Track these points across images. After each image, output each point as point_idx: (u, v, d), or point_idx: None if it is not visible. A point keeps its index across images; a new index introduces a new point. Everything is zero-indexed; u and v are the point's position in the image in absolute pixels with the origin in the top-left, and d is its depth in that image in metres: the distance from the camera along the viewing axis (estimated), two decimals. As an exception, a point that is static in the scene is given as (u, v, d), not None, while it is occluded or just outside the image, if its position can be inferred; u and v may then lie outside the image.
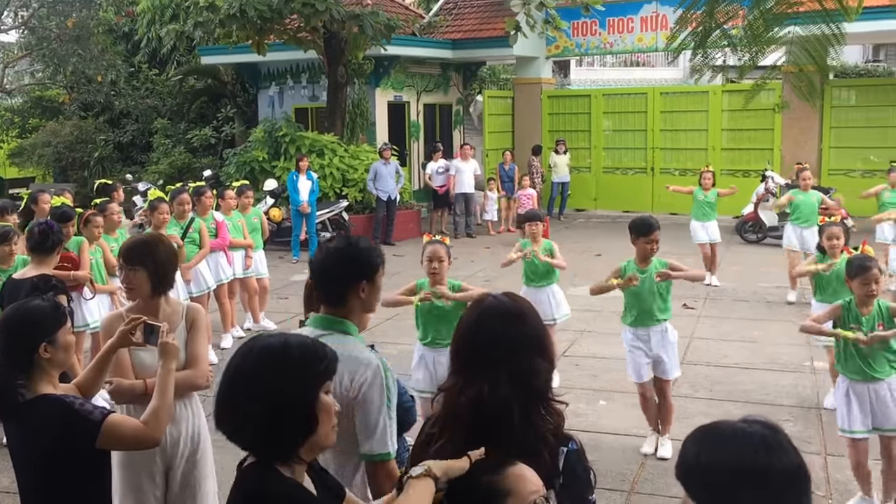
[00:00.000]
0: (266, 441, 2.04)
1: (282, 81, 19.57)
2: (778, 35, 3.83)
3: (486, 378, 2.17)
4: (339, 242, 2.96)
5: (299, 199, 13.90)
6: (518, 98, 20.65)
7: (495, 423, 2.13)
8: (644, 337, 5.89)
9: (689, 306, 10.18)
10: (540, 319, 2.33)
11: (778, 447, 1.59)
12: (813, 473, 5.07)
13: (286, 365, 2.06)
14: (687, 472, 1.64)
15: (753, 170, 16.91)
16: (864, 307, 4.94)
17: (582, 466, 2.21)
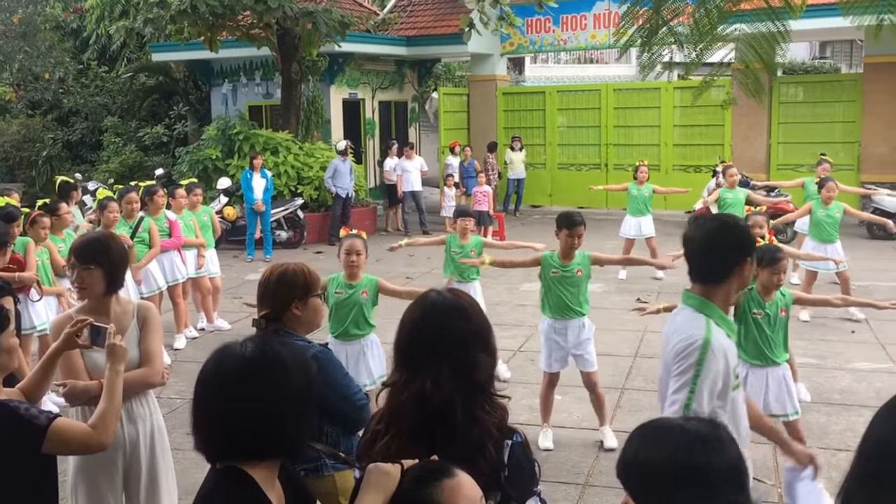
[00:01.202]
0: (223, 445, 2.01)
1: (235, 78, 19.38)
2: (724, 32, 3.88)
3: (429, 373, 2.18)
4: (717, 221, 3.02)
5: (253, 197, 13.78)
6: (473, 95, 20.70)
7: (438, 419, 2.14)
8: (561, 330, 5.98)
9: (642, 300, 10.30)
10: (483, 315, 2.35)
11: (716, 444, 1.58)
12: (762, 462, 5.17)
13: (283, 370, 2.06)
14: (626, 469, 1.64)
15: (705, 165, 17.16)
16: (766, 295, 5.15)
17: (527, 458, 2.23)
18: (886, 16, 4.18)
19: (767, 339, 5.12)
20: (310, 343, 3.27)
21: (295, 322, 3.29)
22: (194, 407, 2.08)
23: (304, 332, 3.36)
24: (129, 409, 3.71)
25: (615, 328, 9.03)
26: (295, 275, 3.34)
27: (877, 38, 4.22)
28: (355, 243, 5.58)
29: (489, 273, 12.07)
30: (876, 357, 7.82)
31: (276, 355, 2.08)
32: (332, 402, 3.31)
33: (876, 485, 1.57)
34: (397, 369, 2.30)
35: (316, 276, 3.41)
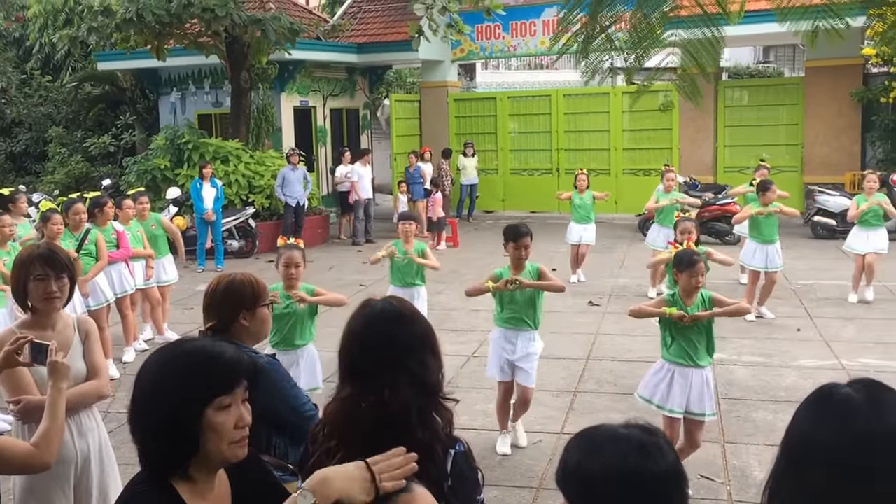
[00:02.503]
0: (147, 456, 1.98)
1: (184, 87, 19.17)
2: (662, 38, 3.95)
3: (386, 382, 2.18)
4: None
5: (204, 206, 13.63)
6: (425, 101, 20.74)
7: (397, 427, 2.14)
8: (512, 339, 5.96)
9: (594, 303, 10.42)
10: (425, 320, 2.36)
11: (654, 451, 1.57)
12: (712, 460, 5.26)
13: (164, 377, 1.98)
14: (565, 478, 1.62)
15: (654, 168, 17.39)
16: (687, 298, 5.26)
17: (469, 467, 2.24)
18: (821, 22, 4.27)
19: (691, 341, 5.21)
20: (257, 353, 3.25)
21: (242, 333, 3.26)
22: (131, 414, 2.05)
23: (251, 342, 3.33)
24: (78, 422, 3.70)
25: (567, 331, 9.11)
26: (242, 285, 3.31)
27: (812, 45, 4.32)
28: (294, 256, 5.57)
29: (442, 278, 12.11)
30: (821, 354, 8.00)
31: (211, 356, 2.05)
32: (280, 413, 3.28)
33: (798, 478, 1.61)
34: (347, 381, 2.28)
35: (263, 286, 3.39)
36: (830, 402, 1.63)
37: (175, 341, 2.15)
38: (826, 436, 1.58)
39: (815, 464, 1.58)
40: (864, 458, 1.55)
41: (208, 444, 1.96)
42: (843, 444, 1.56)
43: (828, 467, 1.57)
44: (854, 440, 1.55)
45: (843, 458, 1.55)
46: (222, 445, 1.97)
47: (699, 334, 5.25)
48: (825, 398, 1.65)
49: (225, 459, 2.01)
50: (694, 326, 5.22)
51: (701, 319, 5.19)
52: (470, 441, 6.32)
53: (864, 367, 7.55)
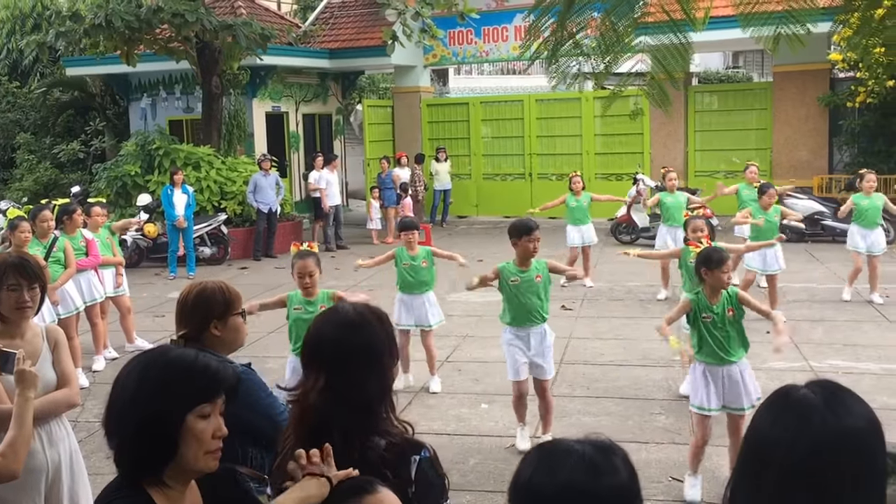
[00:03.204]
0: (124, 459, 1.98)
1: (154, 93, 19.04)
2: (630, 44, 3.99)
3: (313, 385, 2.20)
4: None
5: (175, 213, 13.51)
6: (397, 107, 20.75)
7: (322, 431, 2.14)
8: (523, 337, 6.01)
9: (566, 307, 10.46)
10: (384, 333, 2.30)
11: (605, 469, 1.54)
12: (683, 462, 5.26)
13: (147, 382, 2.00)
14: (516, 493, 1.59)
15: (625, 173, 17.53)
16: (713, 297, 5.28)
17: (435, 473, 2.23)
18: (783, 28, 4.33)
19: (719, 340, 5.24)
20: (231, 363, 3.17)
21: (215, 342, 3.18)
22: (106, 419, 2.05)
23: (225, 352, 3.24)
24: (49, 432, 3.67)
25: (540, 335, 9.13)
26: (213, 293, 3.23)
27: (775, 51, 4.38)
28: (307, 265, 5.50)
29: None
30: (790, 356, 8.07)
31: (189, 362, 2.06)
32: (256, 423, 3.26)
33: (757, 477, 1.63)
34: (302, 379, 2.32)
35: (236, 294, 3.30)
36: (788, 403, 1.65)
37: (158, 348, 2.15)
38: (783, 436, 1.60)
39: (773, 463, 1.60)
40: (820, 458, 1.57)
41: (187, 451, 1.98)
42: (800, 444, 1.58)
43: (785, 467, 1.59)
44: (811, 440, 1.58)
45: (801, 457, 1.57)
46: (200, 453, 2.00)
47: (729, 330, 5.28)
48: (783, 399, 1.67)
49: (199, 469, 2.03)
50: (722, 323, 5.25)
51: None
52: (444, 446, 6.36)
53: (832, 369, 7.65)
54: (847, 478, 1.58)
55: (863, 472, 1.60)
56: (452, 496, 5.59)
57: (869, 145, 16.02)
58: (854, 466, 1.59)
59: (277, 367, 7.53)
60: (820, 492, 1.57)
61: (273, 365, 7.68)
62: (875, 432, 1.63)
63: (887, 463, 1.81)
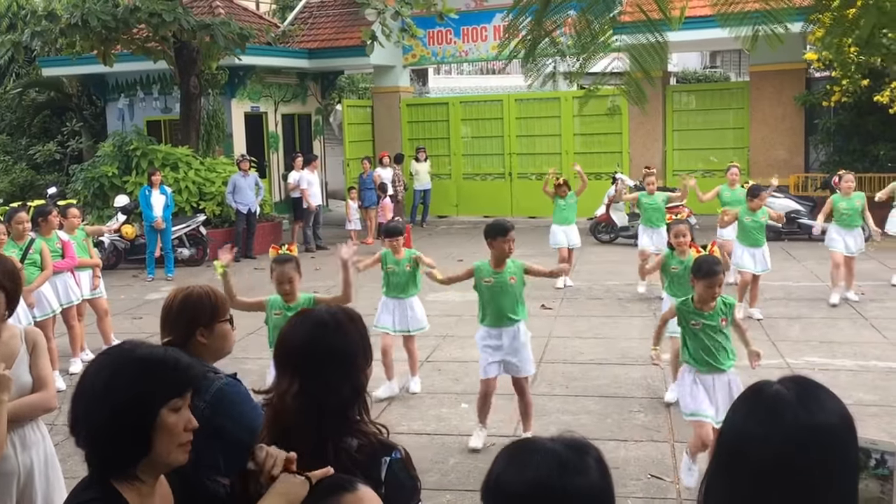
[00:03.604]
0: (95, 456, 1.97)
1: (131, 93, 18.91)
2: (607, 43, 3.99)
3: (286, 388, 2.19)
4: None
5: (153, 214, 13.42)
6: (377, 107, 20.72)
7: (292, 433, 2.14)
8: (496, 335, 6.00)
9: (546, 306, 10.49)
10: (358, 335, 2.30)
11: (576, 469, 1.53)
12: (661, 459, 5.31)
13: (119, 377, 1.98)
14: (486, 490, 1.57)
15: (605, 172, 17.59)
16: (704, 305, 5.21)
17: (407, 475, 2.22)
18: (761, 27, 4.35)
19: (708, 347, 5.17)
20: (217, 373, 3.05)
21: (201, 350, 3.04)
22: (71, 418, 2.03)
23: (211, 360, 3.13)
24: (22, 435, 3.64)
25: (520, 335, 9.14)
26: (200, 299, 3.08)
27: (753, 49, 4.41)
28: (286, 272, 5.32)
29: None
30: (767, 354, 8.09)
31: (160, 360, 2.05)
32: (238, 435, 3.19)
33: (732, 473, 1.64)
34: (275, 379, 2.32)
35: (223, 300, 3.18)
36: (761, 399, 1.66)
37: (126, 344, 2.12)
38: (757, 431, 1.61)
39: (747, 458, 1.61)
40: (793, 453, 1.58)
41: (160, 446, 1.98)
42: (773, 439, 1.59)
43: (759, 462, 1.60)
44: (784, 435, 1.59)
45: (774, 452, 1.58)
46: (172, 447, 2.01)
47: (719, 339, 5.19)
48: (756, 395, 1.69)
49: (171, 462, 2.03)
50: (714, 333, 5.17)
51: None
52: (424, 446, 6.36)
53: (809, 366, 7.72)
54: (819, 472, 1.59)
55: (835, 467, 1.61)
56: (433, 496, 5.63)
57: (844, 144, 16.18)
58: (826, 461, 1.60)
59: (256, 368, 7.51)
60: (793, 486, 1.58)
61: (251, 366, 7.65)
62: (847, 427, 1.65)
63: (859, 458, 1.83)
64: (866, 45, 4.53)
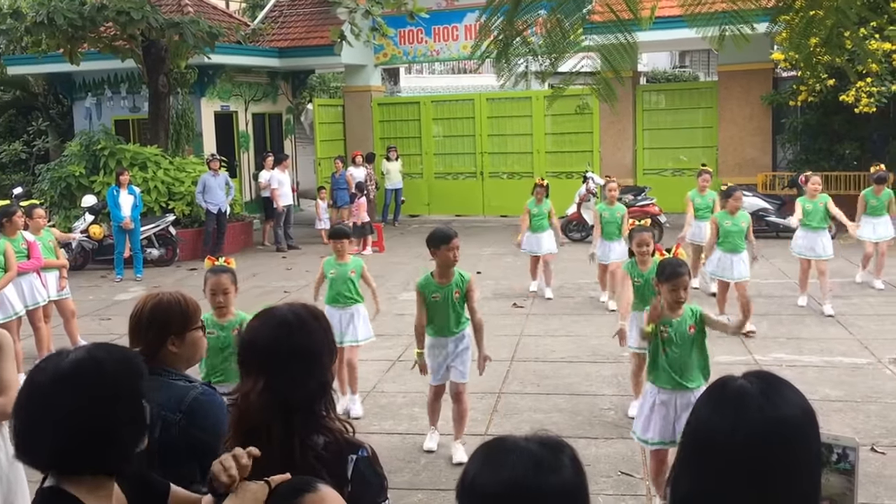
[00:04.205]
0: (50, 464, 1.94)
1: (99, 92, 18.68)
2: (577, 43, 4.02)
3: (252, 387, 2.18)
4: None
5: (121, 214, 13.28)
6: (348, 106, 20.67)
7: (259, 433, 2.13)
8: (442, 343, 5.93)
9: (518, 305, 10.52)
10: (321, 334, 2.30)
11: (550, 467, 1.52)
12: (631, 456, 5.33)
13: (93, 383, 1.95)
14: (461, 489, 1.56)
15: (576, 171, 17.67)
16: (671, 312, 4.85)
17: (373, 472, 2.23)
18: (728, 27, 4.40)
19: (676, 360, 4.79)
20: (192, 382, 2.97)
21: (173, 359, 2.97)
22: (14, 415, 1.99)
23: (183, 368, 3.04)
24: (-15, 440, 3.58)
25: (492, 333, 9.11)
26: (170, 306, 3.00)
27: (720, 48, 4.47)
28: (222, 282, 4.79)
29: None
30: (735, 350, 8.24)
31: (96, 363, 1.99)
32: (213, 444, 3.14)
33: (698, 468, 1.66)
34: (240, 380, 2.30)
35: (195, 306, 3.09)
36: (726, 393, 1.69)
37: (85, 348, 2.07)
38: (722, 425, 1.64)
39: (713, 452, 1.63)
40: (757, 446, 1.60)
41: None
42: (737, 433, 1.61)
43: (725, 455, 1.62)
44: (748, 429, 1.61)
45: (739, 445, 1.61)
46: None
47: (688, 350, 4.82)
48: (721, 389, 1.71)
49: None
50: (682, 342, 4.82)
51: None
52: (395, 445, 6.35)
53: (776, 362, 7.83)
54: (782, 464, 1.62)
55: (797, 459, 1.64)
56: (405, 495, 5.63)
57: (811, 143, 16.40)
58: (789, 454, 1.63)
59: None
60: (757, 478, 1.61)
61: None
62: (809, 421, 1.68)
63: (822, 453, 1.86)
64: (826, 45, 4.58)
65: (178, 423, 2.75)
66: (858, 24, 12.76)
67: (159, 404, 2.76)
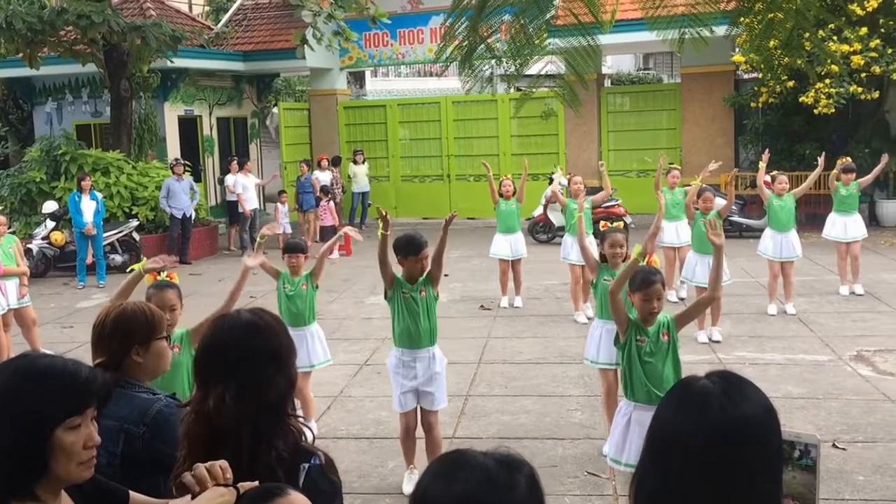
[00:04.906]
0: None
1: (60, 97, 18.41)
2: (541, 47, 4.05)
3: (217, 391, 2.17)
4: None
5: (83, 220, 13.10)
6: (314, 110, 20.59)
7: (227, 438, 2.12)
8: (410, 363, 5.43)
9: (485, 307, 10.54)
10: (281, 336, 2.31)
11: (505, 485, 1.49)
12: (598, 457, 5.34)
13: (8, 397, 1.89)
14: (413, 502, 1.53)
15: (542, 173, 17.74)
16: (645, 323, 4.67)
17: (326, 480, 2.22)
18: (688, 30, 4.46)
19: (652, 372, 4.60)
20: (156, 395, 2.91)
21: (136, 370, 2.90)
22: None
23: (147, 379, 2.98)
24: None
25: (459, 336, 9.18)
26: (134, 316, 2.93)
27: (681, 50, 4.52)
28: (168, 297, 4.39)
29: (335, 287, 12.04)
30: (699, 349, 8.33)
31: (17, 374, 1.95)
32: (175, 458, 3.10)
33: (662, 462, 1.68)
34: (196, 390, 2.28)
35: (159, 316, 3.03)
36: (688, 393, 1.71)
37: (18, 359, 2.01)
38: (685, 426, 1.65)
39: (677, 451, 1.65)
40: (719, 444, 1.62)
41: (57, 466, 1.92)
42: (700, 432, 1.63)
43: (688, 454, 1.63)
44: (710, 428, 1.63)
45: (701, 444, 1.62)
46: (71, 466, 1.94)
47: (663, 360, 4.62)
48: (683, 389, 1.73)
49: (72, 480, 1.98)
50: (658, 352, 4.62)
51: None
52: (363, 450, 6.32)
53: (739, 360, 7.92)
54: (744, 463, 1.64)
55: (759, 457, 1.66)
56: (372, 500, 5.61)
57: (772, 144, 16.58)
58: (751, 451, 1.65)
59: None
60: (720, 476, 1.63)
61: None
62: (770, 420, 1.70)
63: (784, 450, 1.89)
64: (786, 47, 4.66)
65: (142, 436, 2.71)
66: (817, 26, 13.02)
67: (122, 417, 2.72)
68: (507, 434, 6.31)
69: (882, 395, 6.84)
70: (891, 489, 5.20)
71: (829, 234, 10.70)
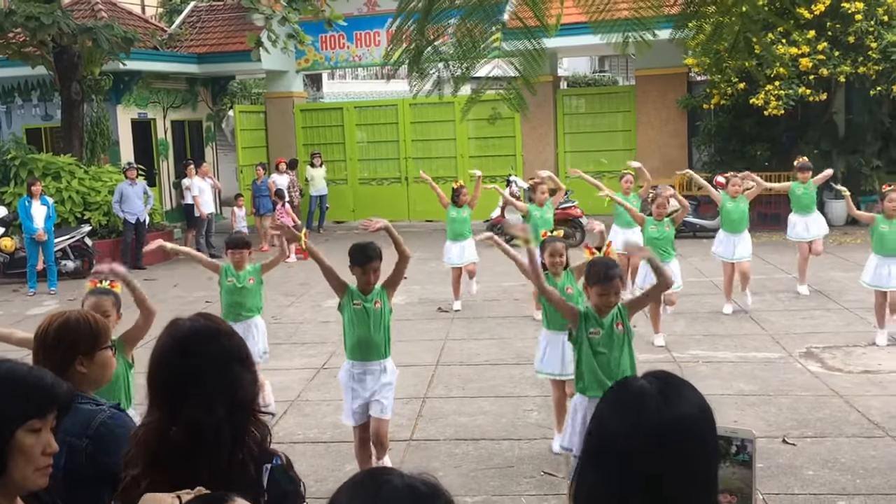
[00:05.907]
0: None
1: (9, 100, 18.09)
2: (488, 50, 4.07)
3: (199, 401, 2.14)
4: None
5: (34, 226, 12.86)
6: (270, 112, 20.46)
7: (211, 447, 2.10)
8: (360, 376, 5.33)
9: (443, 310, 10.56)
10: (235, 334, 2.32)
11: (429, 501, 1.46)
12: (553, 457, 5.38)
13: None
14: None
15: (499, 175, 17.81)
16: (601, 315, 4.67)
17: (288, 479, 2.23)
18: (631, 34, 4.52)
19: (605, 364, 4.57)
20: (100, 405, 2.83)
21: (80, 380, 2.82)
22: None
23: (91, 389, 2.91)
24: None
25: (417, 338, 9.19)
26: (78, 325, 2.87)
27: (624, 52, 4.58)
28: (103, 303, 4.29)
29: (292, 291, 11.98)
30: (654, 349, 8.43)
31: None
32: (120, 472, 3.04)
33: (601, 462, 1.70)
34: (154, 406, 2.21)
35: (104, 325, 2.98)
36: (625, 395, 1.73)
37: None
38: (623, 424, 1.68)
39: (615, 450, 1.67)
40: (656, 443, 1.65)
41: (15, 469, 1.91)
42: (637, 432, 1.66)
43: (625, 453, 1.66)
44: (647, 427, 1.66)
45: (637, 447, 1.65)
46: (28, 471, 1.93)
47: (618, 351, 4.59)
48: (622, 389, 1.76)
49: (28, 486, 1.97)
50: (611, 342, 4.59)
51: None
52: (320, 454, 6.30)
53: (693, 359, 8.04)
54: (679, 462, 1.66)
55: (694, 456, 1.69)
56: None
57: (724, 145, 16.89)
58: (686, 449, 1.68)
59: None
60: (657, 474, 1.65)
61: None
62: (706, 419, 1.73)
63: (721, 445, 1.93)
64: (733, 50, 4.74)
65: (85, 449, 2.62)
66: (766, 30, 13.24)
67: (64, 429, 2.66)
68: (464, 435, 6.33)
69: (830, 391, 6.99)
70: (839, 483, 5.31)
71: (792, 235, 10.68)
